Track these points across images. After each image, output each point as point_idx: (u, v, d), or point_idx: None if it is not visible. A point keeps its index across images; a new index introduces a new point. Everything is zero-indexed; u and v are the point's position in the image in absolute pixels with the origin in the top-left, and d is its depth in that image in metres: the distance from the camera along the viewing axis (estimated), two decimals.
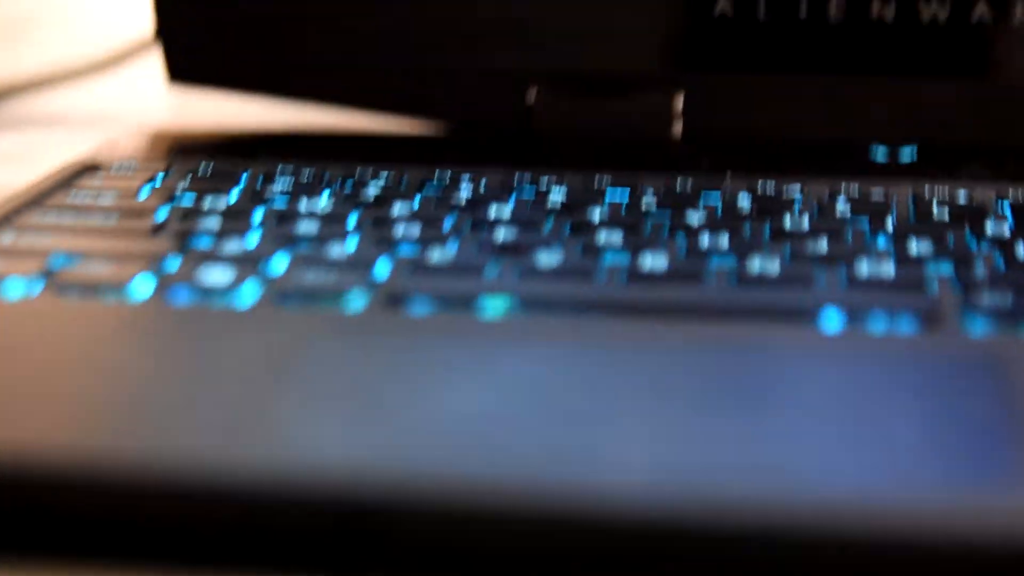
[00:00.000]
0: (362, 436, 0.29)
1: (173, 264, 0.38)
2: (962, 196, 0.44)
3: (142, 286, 0.36)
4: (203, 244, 0.40)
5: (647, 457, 0.28)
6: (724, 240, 0.40)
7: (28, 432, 0.29)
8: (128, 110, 0.65)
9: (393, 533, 0.27)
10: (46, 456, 0.28)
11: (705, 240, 0.40)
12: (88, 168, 0.48)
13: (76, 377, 0.32)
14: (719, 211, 0.43)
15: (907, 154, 0.50)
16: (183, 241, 0.40)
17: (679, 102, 0.51)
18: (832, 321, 0.34)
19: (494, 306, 0.35)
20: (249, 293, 0.36)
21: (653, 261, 0.38)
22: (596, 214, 0.42)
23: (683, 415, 0.30)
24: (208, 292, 0.36)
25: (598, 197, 0.44)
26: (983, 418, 0.30)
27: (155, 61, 0.59)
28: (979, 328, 0.34)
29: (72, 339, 0.34)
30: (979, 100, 0.50)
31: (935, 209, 0.43)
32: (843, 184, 0.45)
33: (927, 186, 0.45)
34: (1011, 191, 0.44)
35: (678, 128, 0.51)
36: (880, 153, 0.50)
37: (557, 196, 0.44)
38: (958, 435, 0.29)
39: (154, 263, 0.38)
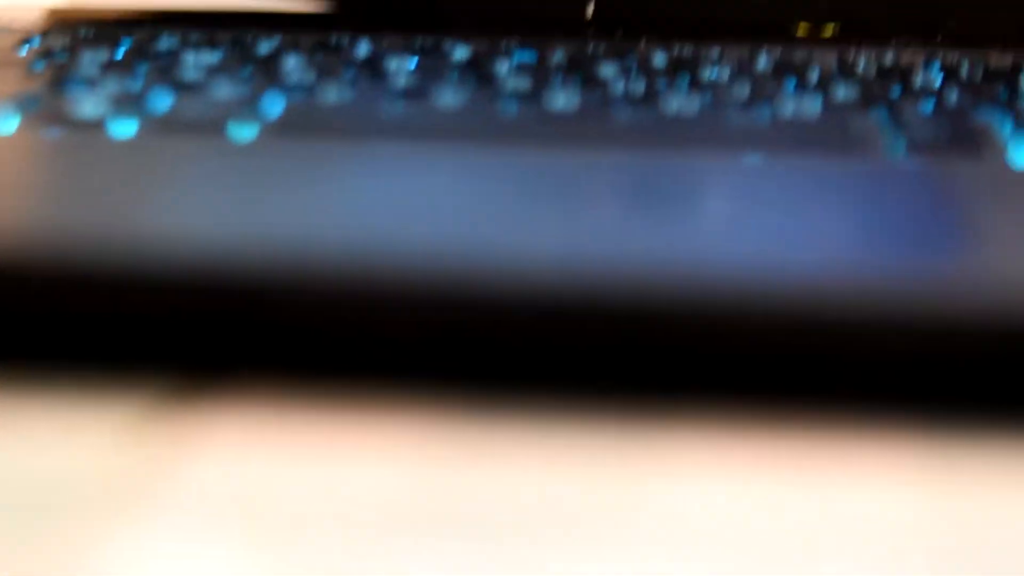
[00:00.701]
0: (246, 221, 0.26)
1: (44, 100, 0.35)
2: (889, 57, 0.42)
3: (8, 120, 0.34)
4: (79, 87, 0.37)
5: (557, 241, 0.25)
6: (638, 87, 0.37)
7: None
8: None
9: (286, 314, 0.25)
10: None
11: (619, 87, 0.37)
12: None
13: None
14: (633, 67, 0.40)
15: (829, 30, 0.47)
16: (57, 83, 0.37)
17: None
18: (754, 153, 0.32)
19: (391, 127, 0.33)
20: (126, 127, 0.33)
21: (563, 100, 0.36)
22: (502, 67, 0.40)
23: (595, 212, 0.27)
24: (80, 125, 0.33)
25: (504, 55, 0.41)
26: (911, 215, 0.28)
27: None
28: (906, 158, 0.32)
29: None
30: None
31: (861, 66, 0.41)
32: (764, 48, 0.43)
33: (852, 50, 0.43)
34: (941, 54, 0.42)
35: (590, 9, 0.49)
36: (801, 28, 0.48)
37: (461, 54, 0.41)
38: (886, 226, 0.27)
39: (23, 99, 0.35)
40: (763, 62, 0.41)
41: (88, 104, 0.34)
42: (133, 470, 0.23)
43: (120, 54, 0.41)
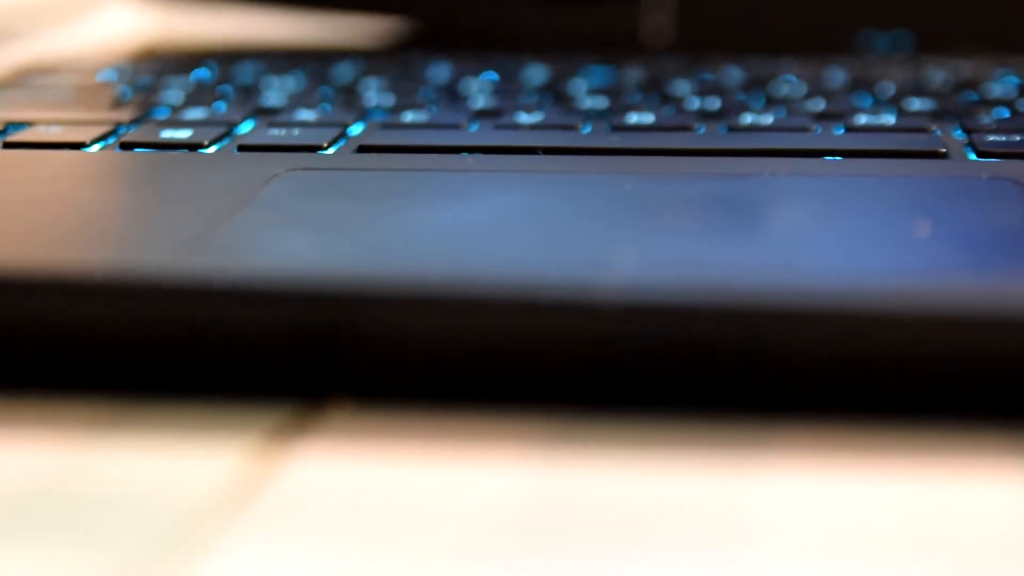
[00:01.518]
0: (343, 245, 0.27)
1: (133, 127, 0.36)
2: (961, 68, 0.42)
3: (100, 145, 0.34)
4: (165, 113, 0.38)
5: (645, 254, 0.26)
6: (715, 103, 0.38)
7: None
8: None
9: (382, 342, 0.25)
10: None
11: (695, 103, 0.38)
12: (43, 69, 0.46)
13: (39, 208, 0.30)
14: (708, 83, 0.41)
15: (902, 41, 0.48)
16: (144, 110, 0.38)
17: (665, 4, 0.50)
18: (832, 167, 0.32)
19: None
20: (213, 149, 0.34)
21: (639, 117, 0.36)
22: (578, 86, 0.40)
23: (679, 223, 0.28)
24: (169, 146, 0.34)
25: (579, 74, 0.42)
26: (998, 221, 0.28)
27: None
28: (982, 168, 0.32)
29: (33, 180, 0.32)
30: None
31: (935, 78, 0.41)
32: (837, 64, 0.43)
33: (924, 62, 0.43)
34: (1015, 66, 0.42)
35: (663, 31, 0.50)
36: (873, 40, 0.48)
37: (536, 74, 0.42)
38: (973, 234, 0.27)
39: (112, 126, 0.36)
40: (837, 76, 0.41)
41: (175, 128, 0.35)
42: (250, 482, 0.23)
43: (204, 81, 0.42)
